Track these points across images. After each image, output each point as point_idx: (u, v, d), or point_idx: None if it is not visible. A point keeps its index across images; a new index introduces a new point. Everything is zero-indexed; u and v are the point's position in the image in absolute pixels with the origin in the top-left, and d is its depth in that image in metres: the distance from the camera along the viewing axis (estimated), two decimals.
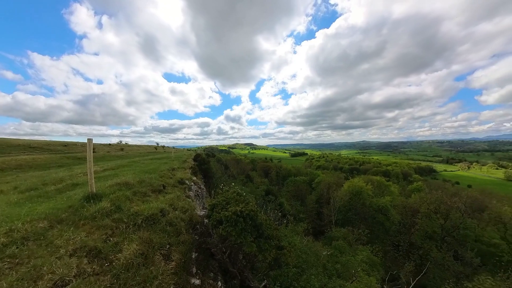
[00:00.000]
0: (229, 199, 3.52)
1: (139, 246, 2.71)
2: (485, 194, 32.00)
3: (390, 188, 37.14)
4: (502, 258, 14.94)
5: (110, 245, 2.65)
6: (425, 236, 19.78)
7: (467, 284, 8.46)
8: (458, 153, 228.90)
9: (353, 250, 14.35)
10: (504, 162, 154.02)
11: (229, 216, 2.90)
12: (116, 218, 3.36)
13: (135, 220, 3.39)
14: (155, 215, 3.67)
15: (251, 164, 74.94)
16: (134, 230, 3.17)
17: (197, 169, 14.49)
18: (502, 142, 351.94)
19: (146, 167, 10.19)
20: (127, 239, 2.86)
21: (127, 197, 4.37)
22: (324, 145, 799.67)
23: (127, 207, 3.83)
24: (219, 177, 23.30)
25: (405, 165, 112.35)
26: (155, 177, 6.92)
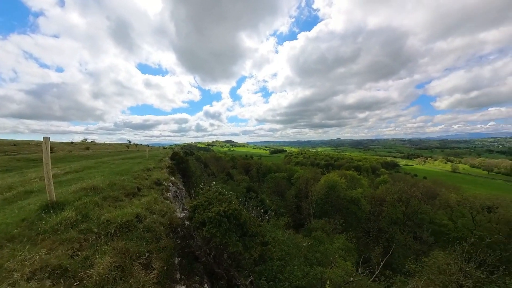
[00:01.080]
0: (211, 199, 3.42)
1: (114, 258, 2.39)
2: (436, 184, 37.03)
3: (361, 181, 40.50)
4: (450, 235, 17.52)
5: (79, 261, 2.30)
6: (390, 221, 22.08)
7: (424, 259, 9.75)
8: (416, 150, 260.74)
9: (331, 239, 15.38)
10: (451, 158, 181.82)
11: (213, 217, 2.81)
12: (83, 229, 2.93)
13: (107, 229, 2.99)
14: (130, 222, 3.28)
15: (231, 162, 74.24)
16: (107, 240, 2.79)
17: (175, 168, 13.80)
18: (450, 141, 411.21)
19: (117, 168, 9.29)
20: (98, 251, 2.51)
21: (95, 203, 3.85)
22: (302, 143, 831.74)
23: (96, 215, 3.37)
24: (199, 176, 22.57)
25: (374, 160, 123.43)
26: (128, 179, 6.29)
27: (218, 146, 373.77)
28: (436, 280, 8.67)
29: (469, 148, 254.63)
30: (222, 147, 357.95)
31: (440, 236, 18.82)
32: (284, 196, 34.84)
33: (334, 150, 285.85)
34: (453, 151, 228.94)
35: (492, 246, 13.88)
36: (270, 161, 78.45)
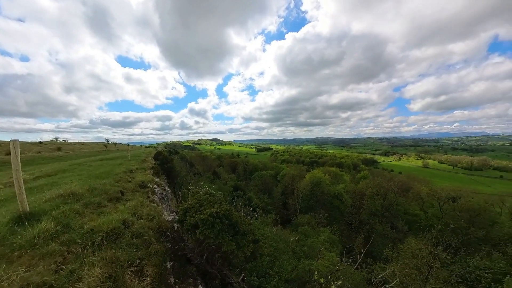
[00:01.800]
0: (202, 201, 3.41)
1: (104, 268, 2.26)
2: (410, 178, 40.38)
3: (343, 177, 42.61)
4: (421, 224, 19.28)
5: (64, 276, 2.11)
6: (370, 213, 23.61)
7: (400, 245, 10.72)
8: (392, 148, 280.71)
9: (316, 233, 16.06)
10: (422, 154, 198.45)
11: (205, 219, 2.83)
12: (65, 241, 2.67)
13: (93, 239, 2.78)
14: (117, 229, 3.08)
15: (217, 161, 73.27)
16: (93, 250, 2.60)
17: (159, 169, 13.32)
18: (422, 140, 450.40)
19: (95, 170, 8.57)
20: (86, 263, 2.34)
21: (76, 211, 3.52)
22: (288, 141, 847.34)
23: (78, 224, 3.10)
24: (184, 176, 21.98)
25: (355, 157, 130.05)
26: (109, 183, 5.85)
27: (203, 145, 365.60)
28: (410, 263, 9.56)
29: (438, 146, 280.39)
30: (207, 146, 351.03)
31: (413, 225, 20.62)
32: (271, 194, 35.40)
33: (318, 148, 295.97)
34: (424, 149, 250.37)
35: (455, 231, 15.58)
36: (256, 159, 78.93)
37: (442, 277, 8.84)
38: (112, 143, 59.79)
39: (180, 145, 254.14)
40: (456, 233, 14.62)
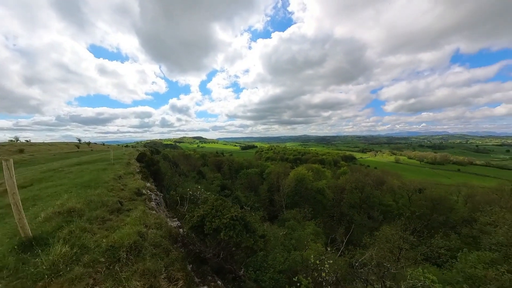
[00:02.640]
0: (216, 207, 3.79)
1: (141, 281, 2.38)
2: (384, 173, 43.98)
3: (325, 173, 44.88)
4: (393, 213, 21.48)
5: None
6: (350, 206, 25.47)
7: (376, 233, 12.03)
8: (369, 145, 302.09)
9: (302, 226, 17.01)
10: (395, 151, 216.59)
11: (228, 222, 3.31)
12: (88, 262, 2.59)
13: (116, 255, 2.76)
14: (137, 242, 3.09)
15: (202, 159, 71.89)
16: (121, 266, 2.61)
17: (147, 172, 12.94)
18: (395, 138, 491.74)
19: (79, 178, 7.76)
20: (118, 280, 2.34)
21: (83, 229, 3.33)
22: (272, 138, 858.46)
23: (93, 243, 2.99)
24: (170, 177, 21.40)
25: (335, 154, 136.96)
26: (104, 193, 5.51)
27: (186, 143, 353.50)
28: (385, 247, 10.81)
29: (408, 144, 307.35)
30: (190, 144, 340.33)
31: (387, 214, 22.83)
32: (257, 191, 36.03)
33: (301, 146, 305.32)
34: (396, 146, 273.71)
35: (421, 217, 17.73)
36: (241, 157, 79.09)
37: (411, 256, 10.19)
38: (85, 142, 55.11)
39: (161, 144, 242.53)
40: (422, 219, 16.68)
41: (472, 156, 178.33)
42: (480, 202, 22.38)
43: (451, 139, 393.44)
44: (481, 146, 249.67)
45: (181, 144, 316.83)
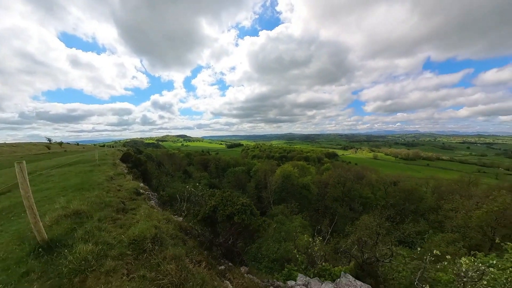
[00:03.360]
0: (226, 197, 4.29)
1: (173, 264, 2.73)
2: (363, 168, 46.91)
3: (310, 169, 46.66)
4: (372, 203, 23.30)
5: (141, 280, 2.44)
6: (333, 199, 26.99)
7: (357, 222, 13.11)
8: (350, 143, 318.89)
9: (290, 220, 17.78)
10: (373, 148, 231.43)
11: (240, 208, 3.90)
12: (117, 255, 2.82)
13: (142, 247, 3.05)
14: (157, 234, 3.39)
15: (187, 158, 70.24)
16: (146, 256, 2.88)
17: (138, 172, 12.59)
18: (373, 136, 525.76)
19: (65, 181, 7.51)
20: (150, 267, 2.68)
21: (99, 228, 3.52)
22: (258, 137, 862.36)
23: (114, 239, 3.21)
24: (157, 177, 20.81)
25: (319, 151, 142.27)
26: (102, 194, 5.61)
27: (169, 142, 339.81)
28: (364, 234, 11.86)
29: (385, 141, 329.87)
30: (174, 143, 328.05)
31: (366, 205, 24.66)
32: (245, 189, 36.40)
33: (287, 144, 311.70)
34: (375, 144, 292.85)
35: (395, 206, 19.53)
36: (228, 156, 78.67)
37: (387, 240, 11.34)
38: (56, 142, 50.59)
39: (142, 143, 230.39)
40: (396, 207, 18.41)
41: (439, 152, 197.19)
42: (444, 192, 25.26)
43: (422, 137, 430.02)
44: (446, 144, 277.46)
45: (164, 143, 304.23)
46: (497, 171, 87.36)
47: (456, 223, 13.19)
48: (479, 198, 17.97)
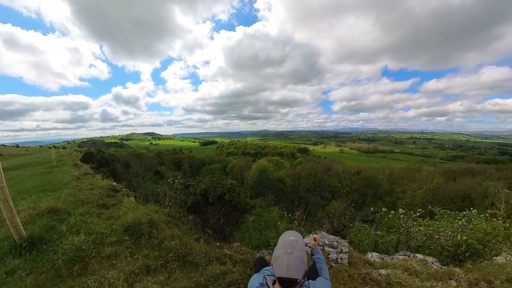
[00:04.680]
0: (214, 181, 4.42)
1: (174, 241, 2.91)
2: (331, 161, 51.04)
3: (284, 164, 48.71)
4: (339, 191, 25.76)
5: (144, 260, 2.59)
6: (306, 190, 28.94)
7: (327, 208, 14.50)
8: (320, 139, 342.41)
9: (268, 212, 18.53)
10: (340, 143, 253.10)
11: (229, 187, 4.10)
12: (114, 241, 2.93)
13: (139, 231, 3.16)
14: (152, 219, 3.47)
15: (157, 158, 65.64)
16: (147, 238, 3.02)
17: (108, 172, 11.47)
18: (340, 132, 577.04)
19: (19, 185, 6.72)
20: (151, 247, 2.86)
21: (84, 221, 3.44)
22: (232, 133, 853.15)
23: (106, 228, 3.26)
24: (126, 178, 19.02)
25: (292, 147, 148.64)
26: (75, 193, 5.35)
27: (136, 140, 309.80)
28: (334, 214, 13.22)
29: (349, 137, 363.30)
30: (141, 141, 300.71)
31: (334, 193, 27.23)
32: None
33: (261, 140, 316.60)
34: (341, 139, 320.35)
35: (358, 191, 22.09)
36: (202, 154, 76.33)
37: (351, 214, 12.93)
38: None
39: (102, 142, 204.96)
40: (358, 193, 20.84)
41: (393, 146, 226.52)
42: (396, 178, 29.92)
43: (379, 133, 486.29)
44: (398, 139, 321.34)
45: (130, 141, 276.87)
46: (434, 160, 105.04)
47: (405, 202, 15.69)
48: (421, 181, 21.71)
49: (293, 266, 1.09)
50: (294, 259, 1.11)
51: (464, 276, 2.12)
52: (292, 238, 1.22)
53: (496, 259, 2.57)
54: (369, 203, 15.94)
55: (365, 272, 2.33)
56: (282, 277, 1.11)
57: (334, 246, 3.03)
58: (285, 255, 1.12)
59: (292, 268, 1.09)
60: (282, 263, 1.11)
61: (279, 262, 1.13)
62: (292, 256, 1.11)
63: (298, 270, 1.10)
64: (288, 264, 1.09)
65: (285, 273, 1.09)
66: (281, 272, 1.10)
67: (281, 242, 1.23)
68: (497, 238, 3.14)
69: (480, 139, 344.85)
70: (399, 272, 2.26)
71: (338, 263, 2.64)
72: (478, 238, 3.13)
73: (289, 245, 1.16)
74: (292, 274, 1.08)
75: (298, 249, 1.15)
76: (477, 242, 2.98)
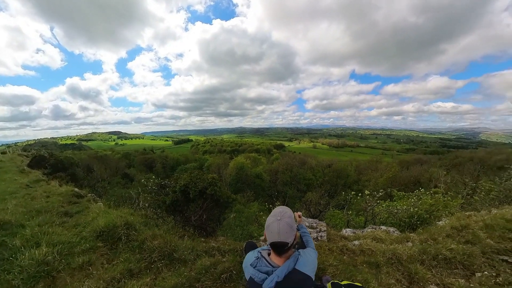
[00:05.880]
0: (194, 176, 4.25)
1: (157, 240, 2.81)
2: (305, 156, 53.79)
3: (261, 160, 49.54)
4: (313, 183, 27.40)
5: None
6: (283, 184, 30.07)
7: (303, 199, 15.36)
8: (294, 135, 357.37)
9: (248, 208, 18.73)
10: (313, 139, 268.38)
11: (211, 181, 3.98)
12: (86, 250, 2.71)
13: (116, 235, 2.98)
14: (129, 221, 3.28)
15: (125, 160, 60.13)
16: (126, 241, 2.87)
17: (67, 177, 10.05)
18: (313, 129, 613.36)
19: None
20: (131, 249, 2.73)
21: (44, 232, 3.05)
22: (208, 131, 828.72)
23: (73, 237, 2.98)
24: (89, 184, 16.83)
25: (269, 144, 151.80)
26: (28, 203, 4.70)
27: (98, 140, 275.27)
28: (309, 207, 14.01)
29: (321, 133, 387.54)
30: (105, 141, 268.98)
31: (309, 185, 28.94)
32: None
33: (238, 137, 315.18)
34: (314, 135, 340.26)
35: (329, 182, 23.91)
36: (176, 153, 72.64)
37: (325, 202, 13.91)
38: None
39: (55, 144, 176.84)
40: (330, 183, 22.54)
41: (359, 141, 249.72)
42: (362, 169, 33.44)
43: (347, 130, 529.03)
44: (363, 135, 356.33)
45: (91, 142, 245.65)
46: (392, 153, 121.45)
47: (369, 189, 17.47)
48: (382, 171, 24.61)
49: (283, 231, 1.23)
50: (284, 224, 1.25)
51: (417, 238, 2.59)
52: (281, 209, 1.36)
53: (438, 223, 3.18)
54: (340, 192, 17.40)
55: (342, 245, 2.64)
56: (274, 242, 1.24)
57: (314, 227, 3.31)
58: (275, 222, 1.26)
59: (282, 232, 1.23)
60: (273, 228, 1.25)
61: (270, 229, 1.26)
62: (282, 222, 1.25)
63: (288, 234, 1.25)
64: (278, 229, 1.23)
65: (276, 237, 1.23)
66: (273, 237, 1.24)
67: (271, 213, 1.36)
68: (438, 208, 3.92)
69: (426, 135, 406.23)
70: (369, 241, 2.64)
71: (318, 241, 2.92)
72: (425, 210, 3.84)
73: (279, 214, 1.30)
74: (282, 238, 1.23)
75: (287, 216, 1.30)
76: (425, 213, 3.71)
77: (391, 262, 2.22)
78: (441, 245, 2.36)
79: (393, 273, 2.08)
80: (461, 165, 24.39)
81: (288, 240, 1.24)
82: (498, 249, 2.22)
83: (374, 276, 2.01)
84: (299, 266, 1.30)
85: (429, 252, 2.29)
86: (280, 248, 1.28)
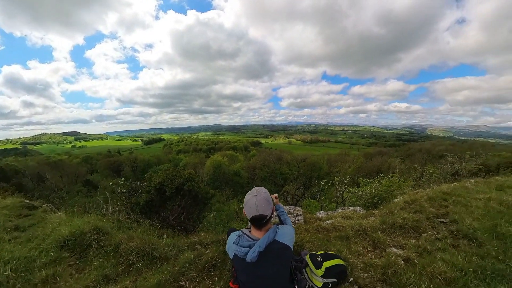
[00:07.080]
0: (170, 173, 4.12)
1: (134, 242, 2.68)
2: (281, 151, 55.66)
3: (238, 157, 49.56)
4: (290, 177, 28.62)
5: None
6: (261, 180, 30.64)
7: (281, 193, 16.00)
8: (270, 132, 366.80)
9: (227, 206, 18.64)
10: (288, 136, 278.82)
11: (188, 177, 3.96)
12: (50, 262, 2.47)
13: (85, 241, 2.76)
14: (99, 225, 3.06)
15: (86, 164, 54.00)
16: (97, 247, 2.70)
17: (12, 187, 8.53)
18: (288, 126, 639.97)
19: None
20: (106, 254, 2.58)
21: None
22: (181, 129, 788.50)
23: (29, 251, 2.65)
24: (41, 194, 14.46)
25: (245, 141, 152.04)
26: None
27: (49, 143, 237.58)
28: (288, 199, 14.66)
29: (296, 130, 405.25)
30: (58, 144, 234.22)
31: (286, 179, 30.16)
32: None
33: (214, 135, 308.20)
34: (289, 132, 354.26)
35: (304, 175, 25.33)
36: (147, 154, 67.73)
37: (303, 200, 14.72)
38: None
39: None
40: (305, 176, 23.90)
41: (330, 137, 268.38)
42: (333, 161, 36.18)
43: (319, 127, 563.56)
44: (333, 131, 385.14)
45: (40, 146, 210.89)
46: (358, 146, 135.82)
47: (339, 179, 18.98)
48: (350, 162, 27.08)
49: (260, 204, 1.37)
50: (261, 199, 1.39)
51: (378, 213, 3.01)
52: (257, 188, 1.50)
53: (395, 200, 3.78)
54: (315, 184, 18.55)
55: (317, 225, 2.93)
56: (253, 216, 1.36)
57: (291, 212, 3.57)
58: (252, 198, 1.39)
59: (260, 206, 1.36)
60: (251, 204, 1.37)
61: (248, 205, 1.39)
62: (259, 197, 1.39)
63: (265, 207, 1.38)
64: (256, 203, 1.37)
65: (254, 211, 1.36)
66: (251, 212, 1.36)
67: (248, 192, 1.49)
68: (394, 189, 4.69)
69: (386, 131, 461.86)
70: (340, 219, 3.00)
71: (296, 224, 3.18)
72: (384, 190, 4.51)
73: (255, 191, 1.44)
74: (260, 211, 1.36)
75: (263, 192, 1.45)
76: (384, 193, 4.37)
77: (358, 233, 2.65)
78: (397, 216, 2.93)
79: (360, 242, 2.52)
80: (413, 155, 28.87)
81: (266, 213, 1.37)
82: (437, 214, 2.83)
83: (346, 246, 2.36)
84: (278, 237, 1.44)
85: (387, 222, 2.82)
86: (259, 221, 1.40)
